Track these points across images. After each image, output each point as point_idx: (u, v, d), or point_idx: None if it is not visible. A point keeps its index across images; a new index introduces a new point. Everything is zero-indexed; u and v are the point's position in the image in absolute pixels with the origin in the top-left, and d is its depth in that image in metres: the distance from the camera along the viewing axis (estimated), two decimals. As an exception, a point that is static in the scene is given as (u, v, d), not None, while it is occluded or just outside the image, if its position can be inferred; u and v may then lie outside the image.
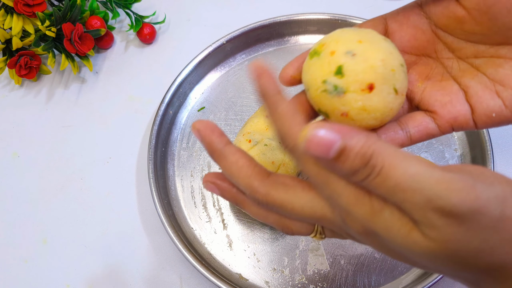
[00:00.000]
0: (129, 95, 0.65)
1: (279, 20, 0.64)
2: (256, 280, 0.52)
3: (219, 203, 0.56)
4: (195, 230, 0.55)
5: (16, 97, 0.65)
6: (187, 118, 0.62)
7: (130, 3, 0.67)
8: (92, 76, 0.66)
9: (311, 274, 0.51)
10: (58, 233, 0.56)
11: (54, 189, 0.59)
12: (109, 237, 0.56)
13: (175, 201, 0.56)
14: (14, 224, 0.57)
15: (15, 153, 0.62)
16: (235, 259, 0.53)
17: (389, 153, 0.25)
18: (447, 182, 0.24)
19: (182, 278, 0.53)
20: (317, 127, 0.25)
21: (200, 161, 0.59)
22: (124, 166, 0.60)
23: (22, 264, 0.55)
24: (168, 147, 0.60)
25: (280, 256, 0.53)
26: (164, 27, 0.69)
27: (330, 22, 0.63)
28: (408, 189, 0.24)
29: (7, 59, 0.63)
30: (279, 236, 0.54)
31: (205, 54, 0.62)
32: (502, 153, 0.57)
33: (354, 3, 0.69)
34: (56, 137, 0.62)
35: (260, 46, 0.65)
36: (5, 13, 0.62)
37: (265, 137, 0.51)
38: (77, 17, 0.63)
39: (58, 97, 0.65)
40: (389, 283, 0.51)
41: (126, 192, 0.58)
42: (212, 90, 0.63)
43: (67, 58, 0.63)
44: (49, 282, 0.54)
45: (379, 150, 0.25)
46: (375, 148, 0.25)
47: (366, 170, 0.25)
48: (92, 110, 0.64)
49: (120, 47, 0.68)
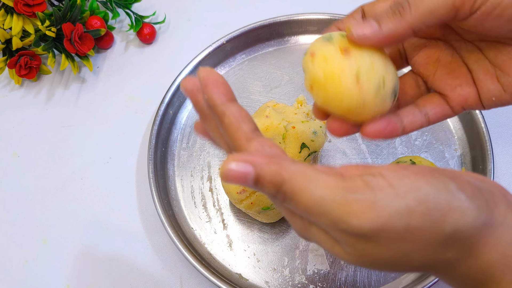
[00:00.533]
0: (129, 95, 0.65)
1: (279, 20, 0.64)
2: (256, 280, 0.52)
3: (219, 203, 0.56)
4: (195, 230, 0.55)
5: (16, 97, 0.65)
6: (187, 118, 0.62)
7: (130, 3, 0.67)
8: (92, 76, 0.66)
9: (311, 274, 0.51)
10: (58, 233, 0.56)
11: (54, 189, 0.59)
12: (109, 237, 0.56)
13: (175, 201, 0.56)
14: (14, 224, 0.57)
15: (15, 153, 0.62)
16: (235, 259, 0.53)
17: (298, 177, 0.26)
18: (347, 205, 0.26)
19: (182, 278, 0.53)
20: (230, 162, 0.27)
21: (200, 161, 0.59)
22: (124, 166, 0.60)
23: (22, 264, 0.55)
24: (168, 147, 0.60)
25: (280, 256, 0.53)
26: (164, 27, 0.69)
27: (330, 22, 0.63)
28: (316, 213, 0.26)
29: (7, 59, 0.63)
30: (279, 236, 0.54)
31: (205, 54, 0.62)
32: (502, 153, 0.57)
33: (354, 3, 0.68)
34: (56, 137, 0.62)
35: (260, 46, 0.65)
36: (5, 13, 0.62)
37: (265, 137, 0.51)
38: (77, 17, 0.63)
39: (58, 97, 0.65)
40: (389, 283, 0.51)
41: (126, 192, 0.58)
42: (212, 90, 0.63)
43: (67, 58, 0.63)
44: (49, 282, 0.54)
45: (289, 176, 0.26)
46: (285, 174, 0.26)
47: (280, 195, 0.27)
48: (92, 110, 0.64)
49: (120, 47, 0.68)
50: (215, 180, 0.57)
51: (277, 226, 0.54)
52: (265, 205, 0.49)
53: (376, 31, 0.31)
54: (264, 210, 0.49)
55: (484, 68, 0.34)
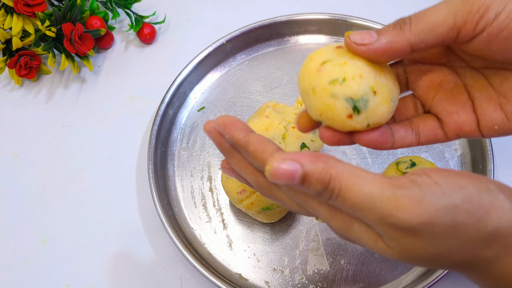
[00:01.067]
0: (129, 95, 0.65)
1: (279, 20, 0.64)
2: (256, 280, 0.52)
3: (219, 203, 0.56)
4: (195, 230, 0.55)
5: (16, 97, 0.65)
6: (187, 118, 0.62)
7: (130, 3, 0.67)
8: (92, 76, 0.66)
9: (311, 274, 0.51)
10: (58, 233, 0.56)
11: (54, 189, 0.59)
12: (109, 237, 0.56)
13: (175, 201, 0.56)
14: (14, 224, 0.57)
15: (15, 153, 0.62)
16: (235, 259, 0.53)
17: (346, 175, 0.28)
18: (396, 200, 0.27)
19: (182, 278, 0.53)
20: (279, 160, 0.28)
21: (200, 161, 0.59)
22: (124, 166, 0.60)
23: (22, 264, 0.55)
24: (168, 147, 0.60)
25: (280, 256, 0.53)
26: (164, 27, 0.69)
27: (330, 22, 0.63)
28: (364, 208, 0.27)
29: (7, 59, 0.63)
30: (279, 236, 0.54)
31: (205, 54, 0.62)
32: (502, 153, 0.57)
33: (354, 3, 0.69)
34: (56, 137, 0.62)
35: (260, 46, 0.65)
36: (5, 13, 0.62)
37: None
38: (77, 17, 0.63)
39: (58, 97, 0.65)
40: (389, 283, 0.51)
41: (126, 192, 0.58)
42: (212, 90, 0.63)
43: (67, 58, 0.63)
44: (49, 282, 0.54)
45: (336, 173, 0.28)
46: (332, 172, 0.28)
47: (327, 192, 0.28)
48: (92, 110, 0.64)
49: (120, 47, 0.68)
50: (215, 180, 0.57)
51: (277, 226, 0.54)
52: (265, 205, 0.49)
53: (373, 41, 0.31)
54: (264, 210, 0.49)
55: (487, 96, 0.34)
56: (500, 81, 0.33)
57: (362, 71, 0.31)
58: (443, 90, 0.36)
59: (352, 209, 0.28)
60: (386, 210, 0.27)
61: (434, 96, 0.36)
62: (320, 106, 0.32)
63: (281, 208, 0.50)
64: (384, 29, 0.31)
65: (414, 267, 0.51)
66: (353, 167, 0.28)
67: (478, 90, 0.34)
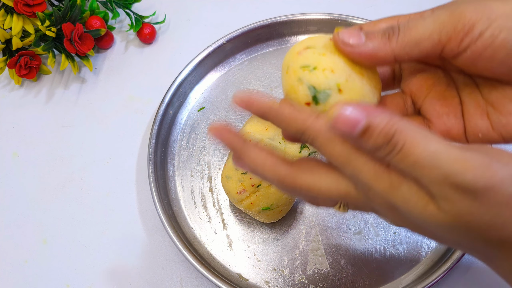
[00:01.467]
0: (129, 95, 0.65)
1: (279, 20, 0.64)
2: (256, 280, 0.52)
3: (219, 203, 0.56)
4: (195, 230, 0.55)
5: (16, 97, 0.65)
6: (187, 118, 0.62)
7: (130, 3, 0.67)
8: (92, 76, 0.66)
9: (311, 274, 0.51)
10: (58, 233, 0.56)
11: (54, 189, 0.59)
12: (109, 237, 0.56)
13: (175, 201, 0.56)
14: (14, 224, 0.57)
15: (15, 153, 0.62)
16: (235, 259, 0.53)
17: (411, 131, 0.27)
18: (464, 160, 0.26)
19: (182, 278, 0.53)
20: (344, 106, 0.27)
21: (200, 161, 0.59)
22: (124, 166, 0.60)
23: (22, 264, 0.55)
24: (168, 147, 0.60)
25: (280, 256, 0.53)
26: (164, 27, 0.69)
27: (330, 22, 0.63)
28: (427, 165, 0.26)
29: (7, 59, 0.63)
30: (279, 236, 0.54)
31: (205, 54, 0.62)
32: (502, 153, 0.57)
33: (354, 3, 0.69)
34: (56, 137, 0.62)
35: (260, 46, 0.65)
36: (5, 13, 0.62)
37: (265, 137, 0.51)
38: (77, 17, 0.63)
39: (58, 97, 0.65)
40: (389, 283, 0.51)
41: (126, 192, 0.58)
42: (212, 90, 0.63)
43: (67, 58, 0.63)
44: (49, 282, 0.54)
45: (401, 128, 0.27)
46: (397, 126, 0.27)
47: (389, 147, 0.27)
48: (92, 110, 0.64)
49: (120, 47, 0.68)
50: (215, 180, 0.57)
51: (277, 226, 0.54)
52: (265, 205, 0.49)
53: (360, 44, 0.31)
54: (264, 210, 0.49)
55: (475, 102, 0.34)
56: (489, 89, 0.33)
57: (336, 66, 0.31)
58: (436, 90, 0.35)
59: (413, 166, 0.27)
60: (451, 169, 0.26)
61: (426, 95, 0.36)
62: (286, 86, 0.33)
63: (281, 208, 0.50)
64: (374, 34, 0.31)
65: (414, 267, 0.51)
66: (418, 126, 0.28)
67: (468, 95, 0.34)
